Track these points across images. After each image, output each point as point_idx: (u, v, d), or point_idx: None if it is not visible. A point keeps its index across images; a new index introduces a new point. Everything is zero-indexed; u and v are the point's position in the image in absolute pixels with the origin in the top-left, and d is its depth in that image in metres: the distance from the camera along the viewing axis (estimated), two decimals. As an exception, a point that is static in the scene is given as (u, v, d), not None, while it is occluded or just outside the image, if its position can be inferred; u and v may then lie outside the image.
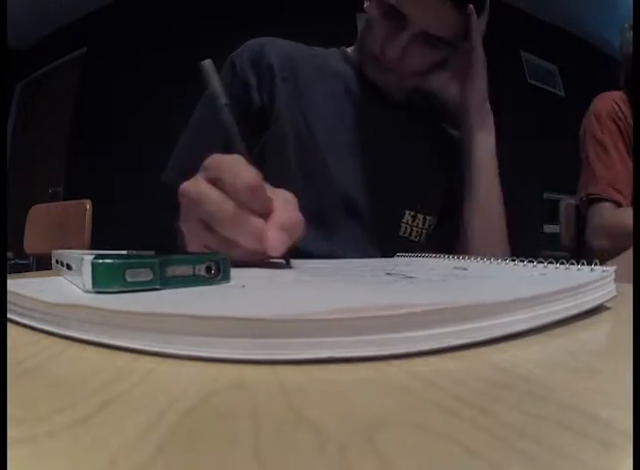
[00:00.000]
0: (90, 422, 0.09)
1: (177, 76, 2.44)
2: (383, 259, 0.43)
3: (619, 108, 0.92)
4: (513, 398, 0.10)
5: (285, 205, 0.30)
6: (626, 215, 0.84)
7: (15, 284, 0.19)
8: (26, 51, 2.88)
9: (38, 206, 1.57)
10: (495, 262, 0.31)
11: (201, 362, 0.13)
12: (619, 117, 0.91)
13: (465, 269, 0.28)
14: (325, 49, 0.67)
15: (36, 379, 0.12)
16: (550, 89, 3.20)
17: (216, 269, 0.21)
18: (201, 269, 0.21)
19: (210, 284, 0.21)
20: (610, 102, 0.94)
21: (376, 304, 0.14)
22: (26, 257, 1.56)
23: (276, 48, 0.60)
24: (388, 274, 0.25)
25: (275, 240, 0.27)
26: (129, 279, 0.19)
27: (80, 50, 2.73)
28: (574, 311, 0.18)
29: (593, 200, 0.90)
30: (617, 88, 0.97)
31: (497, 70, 2.96)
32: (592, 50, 3.30)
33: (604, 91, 1.00)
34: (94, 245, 1.33)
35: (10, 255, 1.81)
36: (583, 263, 0.25)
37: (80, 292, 0.18)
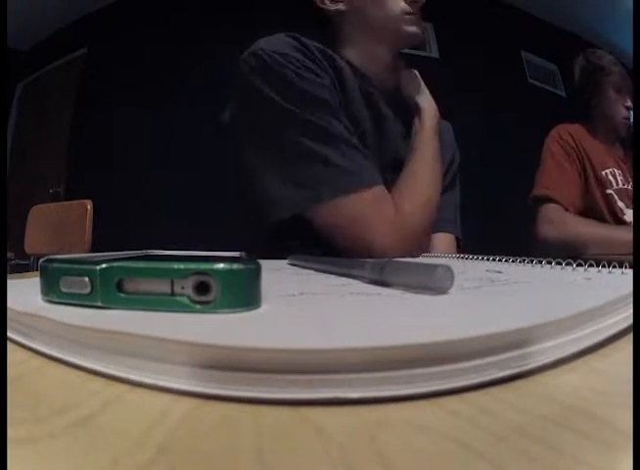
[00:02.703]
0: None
1: (177, 76, 2.43)
2: (408, 260, 0.42)
3: (567, 131, 1.12)
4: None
5: None
6: (579, 225, 1.00)
7: None
8: (26, 51, 2.87)
9: (39, 206, 1.57)
10: (531, 264, 0.29)
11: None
12: (562, 138, 1.11)
13: (499, 273, 0.26)
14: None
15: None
16: (550, 89, 3.20)
17: (217, 288, 0.14)
18: (185, 287, 0.14)
19: (200, 311, 0.14)
20: (558, 130, 1.14)
21: (388, 342, 0.10)
22: (27, 257, 1.55)
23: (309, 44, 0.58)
24: None
25: None
26: (64, 289, 0.14)
27: (80, 50, 2.72)
28: (626, 324, 0.16)
29: (538, 201, 1.06)
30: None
31: (497, 70, 2.93)
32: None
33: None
34: (95, 245, 1.33)
35: (10, 255, 1.81)
36: (615, 266, 0.24)
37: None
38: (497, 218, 2.43)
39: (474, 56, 2.82)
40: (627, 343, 0.15)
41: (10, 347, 0.14)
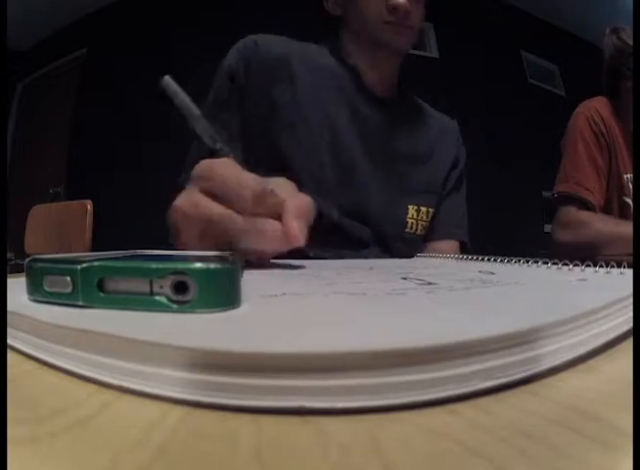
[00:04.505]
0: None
1: (177, 76, 2.43)
2: (399, 260, 0.42)
3: (598, 113, 0.97)
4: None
5: (289, 191, 0.30)
6: (598, 225, 0.90)
7: None
8: (26, 51, 2.87)
9: (39, 206, 1.57)
10: (526, 265, 0.29)
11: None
12: (595, 122, 0.96)
13: (492, 274, 0.25)
14: (317, 46, 0.65)
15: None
16: (550, 89, 3.20)
17: (195, 288, 0.14)
18: (163, 286, 0.14)
19: (178, 311, 0.14)
20: (588, 108, 0.99)
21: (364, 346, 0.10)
22: (27, 257, 1.55)
23: (269, 46, 0.59)
24: (404, 279, 0.23)
25: (296, 230, 0.26)
26: (47, 288, 0.15)
27: (80, 50, 2.72)
28: (627, 327, 0.15)
29: (562, 198, 0.96)
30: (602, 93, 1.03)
31: (497, 71, 2.93)
32: (593, 50, 3.29)
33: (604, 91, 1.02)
34: (95, 245, 1.33)
35: (10, 255, 1.81)
36: (613, 266, 0.24)
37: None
38: (497, 219, 2.43)
39: (474, 56, 2.82)
40: (629, 345, 0.15)
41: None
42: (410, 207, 0.63)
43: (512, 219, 2.75)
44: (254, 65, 0.58)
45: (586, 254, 0.81)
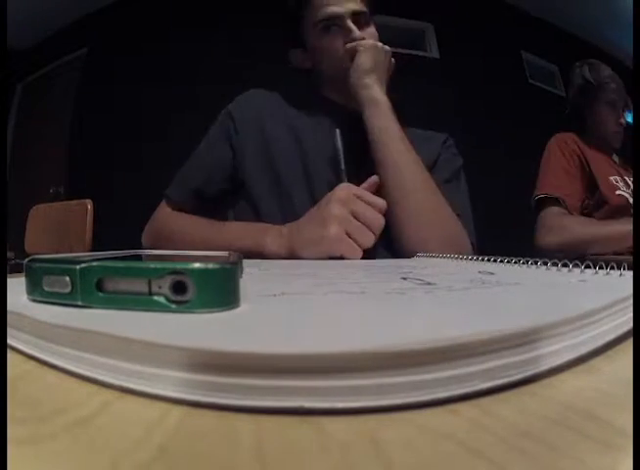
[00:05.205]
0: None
1: (177, 77, 2.43)
2: (399, 260, 0.42)
3: (569, 136, 1.14)
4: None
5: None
6: (579, 227, 0.99)
7: None
8: (26, 51, 2.87)
9: (39, 205, 1.57)
10: (525, 265, 0.29)
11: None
12: (565, 142, 1.11)
13: (492, 274, 0.25)
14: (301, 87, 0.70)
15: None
16: (551, 90, 3.20)
17: (193, 288, 0.13)
18: (162, 286, 0.14)
19: (177, 311, 0.14)
20: (558, 137, 1.14)
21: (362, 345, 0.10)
22: (27, 256, 1.55)
23: (246, 107, 0.67)
24: (404, 279, 0.23)
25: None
26: (46, 288, 0.15)
27: (80, 50, 2.72)
28: (627, 328, 0.15)
29: (539, 202, 1.06)
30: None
31: (497, 71, 2.93)
32: (593, 50, 3.29)
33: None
34: (95, 245, 1.33)
35: (10, 255, 1.81)
36: (613, 267, 0.24)
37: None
38: (497, 219, 2.43)
39: (474, 56, 2.82)
40: (630, 345, 0.15)
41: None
42: None
43: (512, 219, 2.74)
44: (244, 124, 0.66)
45: (572, 255, 0.87)
